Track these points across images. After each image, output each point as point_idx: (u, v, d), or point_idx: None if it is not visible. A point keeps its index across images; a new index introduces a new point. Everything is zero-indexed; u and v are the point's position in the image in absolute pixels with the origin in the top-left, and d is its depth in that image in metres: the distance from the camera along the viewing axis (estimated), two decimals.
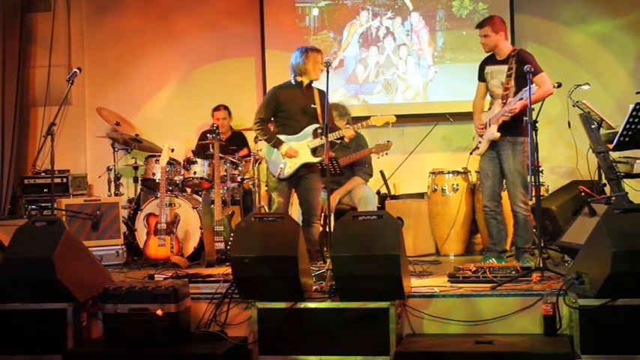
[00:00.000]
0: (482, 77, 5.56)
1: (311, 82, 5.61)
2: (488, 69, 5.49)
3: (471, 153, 5.62)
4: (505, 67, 5.34)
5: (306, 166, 5.54)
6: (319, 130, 5.52)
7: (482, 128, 5.44)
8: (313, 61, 5.54)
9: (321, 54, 5.62)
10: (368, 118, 5.70)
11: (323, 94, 5.62)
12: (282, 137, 5.56)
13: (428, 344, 4.10)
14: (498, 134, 5.31)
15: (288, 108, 5.57)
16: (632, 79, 7.09)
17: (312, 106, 5.57)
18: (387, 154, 6.15)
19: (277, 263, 4.24)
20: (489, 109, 5.49)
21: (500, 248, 5.46)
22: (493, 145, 5.40)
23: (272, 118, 5.67)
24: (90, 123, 7.95)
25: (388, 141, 6.05)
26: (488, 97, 5.62)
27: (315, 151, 5.54)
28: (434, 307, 4.34)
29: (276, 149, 5.55)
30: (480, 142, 5.49)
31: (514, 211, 5.34)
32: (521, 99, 5.09)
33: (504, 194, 5.55)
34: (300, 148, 5.51)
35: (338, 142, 5.63)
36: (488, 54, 5.54)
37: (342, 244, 4.29)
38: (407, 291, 4.35)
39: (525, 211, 5.29)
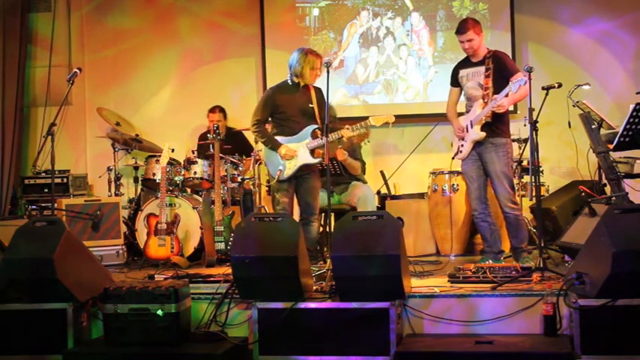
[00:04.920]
0: (456, 82, 5.57)
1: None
2: (463, 72, 5.49)
3: (453, 158, 5.62)
4: (482, 69, 5.35)
5: (305, 167, 5.52)
6: (318, 131, 5.50)
7: (462, 131, 5.44)
8: (311, 66, 5.48)
9: (321, 59, 5.52)
10: (367, 118, 5.65)
11: (320, 92, 5.59)
12: (280, 138, 5.54)
13: (428, 344, 4.10)
14: (484, 134, 5.30)
15: (286, 109, 5.53)
16: (631, 79, 7.08)
17: (310, 105, 5.53)
18: (369, 141, 5.91)
19: (277, 263, 4.24)
20: (467, 111, 5.47)
21: (497, 250, 5.44)
22: (475, 147, 5.39)
23: (269, 119, 5.64)
24: (90, 123, 7.95)
25: (366, 129, 5.79)
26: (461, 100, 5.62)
27: (313, 152, 5.51)
28: (434, 307, 4.34)
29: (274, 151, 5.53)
30: (461, 146, 5.47)
31: (504, 213, 5.32)
32: (506, 95, 5.12)
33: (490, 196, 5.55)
34: (298, 149, 5.49)
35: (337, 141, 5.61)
36: (462, 59, 5.57)
37: (342, 244, 4.29)
38: (407, 291, 4.35)
39: (516, 210, 5.30)
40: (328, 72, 5.14)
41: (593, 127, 5.63)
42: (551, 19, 7.28)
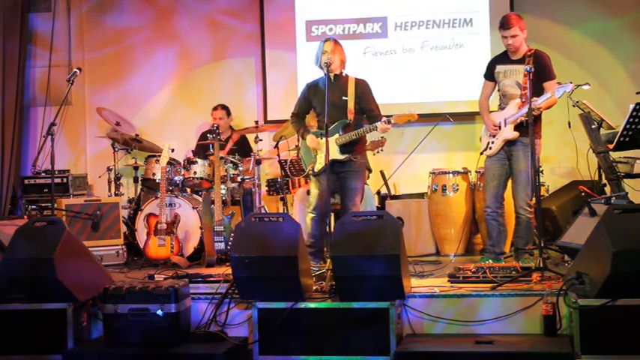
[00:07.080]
0: (491, 76, 5.47)
1: (341, 73, 5.39)
2: (501, 68, 5.39)
3: (481, 153, 5.52)
4: (521, 67, 5.20)
5: (339, 164, 5.31)
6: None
7: (497, 129, 5.37)
8: (320, 51, 5.32)
9: (328, 41, 5.34)
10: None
11: (362, 85, 5.40)
12: (316, 133, 5.40)
13: (428, 344, 4.10)
14: (517, 133, 5.23)
15: (318, 103, 5.38)
16: (632, 80, 7.08)
17: (344, 98, 5.32)
18: (382, 150, 6.03)
19: (277, 263, 4.24)
20: (502, 108, 5.40)
21: (499, 250, 5.44)
22: (504, 145, 5.34)
23: (308, 114, 5.56)
24: (90, 123, 7.95)
25: (382, 137, 5.96)
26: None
27: (344, 148, 5.31)
28: (434, 307, 4.34)
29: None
30: (492, 143, 5.39)
31: (518, 213, 5.30)
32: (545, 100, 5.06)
33: (506, 196, 5.53)
34: (329, 144, 5.18)
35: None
36: (499, 53, 5.49)
37: (342, 244, 4.29)
38: (407, 291, 4.35)
39: (529, 213, 5.25)
40: (328, 72, 5.12)
41: (593, 127, 5.64)
42: (551, 19, 7.27)
